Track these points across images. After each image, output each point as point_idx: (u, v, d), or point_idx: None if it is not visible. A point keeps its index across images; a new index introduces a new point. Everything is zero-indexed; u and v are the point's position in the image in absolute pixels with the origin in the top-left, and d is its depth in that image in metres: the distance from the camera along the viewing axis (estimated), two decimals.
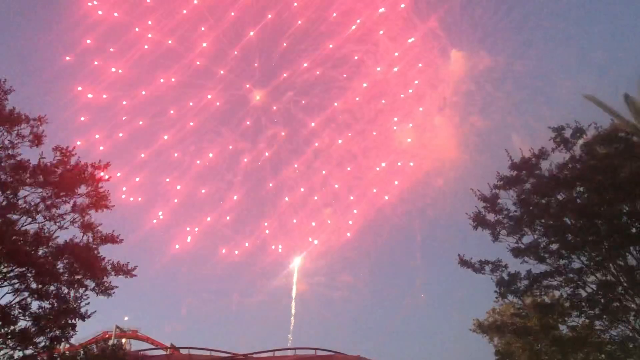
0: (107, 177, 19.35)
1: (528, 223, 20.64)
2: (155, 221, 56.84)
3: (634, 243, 18.77)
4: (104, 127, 54.09)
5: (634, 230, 18.89)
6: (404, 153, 59.49)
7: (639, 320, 18.78)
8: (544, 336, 19.82)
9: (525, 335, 20.61)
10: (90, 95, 52.53)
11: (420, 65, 57.18)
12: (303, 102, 59.63)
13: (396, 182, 59.68)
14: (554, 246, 20.22)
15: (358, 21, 55.22)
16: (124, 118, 54.81)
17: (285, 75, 57.87)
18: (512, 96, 57.40)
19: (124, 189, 53.89)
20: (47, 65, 69.73)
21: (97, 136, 53.36)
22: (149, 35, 53.29)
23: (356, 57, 57.24)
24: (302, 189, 61.31)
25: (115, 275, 18.43)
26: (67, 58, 52.10)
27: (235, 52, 56.71)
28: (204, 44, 54.91)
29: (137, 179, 55.52)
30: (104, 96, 53.17)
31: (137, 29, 52.73)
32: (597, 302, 19.28)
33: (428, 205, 63.06)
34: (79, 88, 52.18)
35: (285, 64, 58.36)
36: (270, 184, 61.54)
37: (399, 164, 59.56)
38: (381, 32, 55.90)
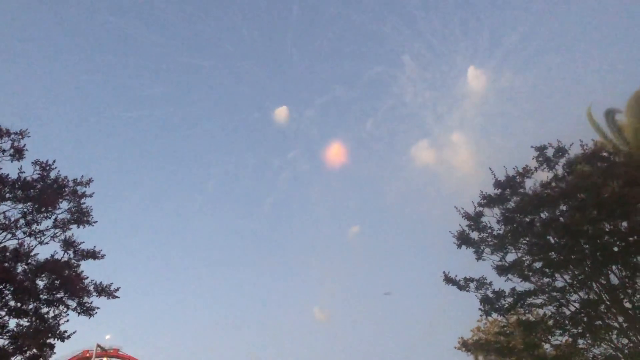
0: (90, 193, 19.07)
1: (512, 241, 20.74)
2: None
3: (616, 261, 18.93)
4: None
5: (616, 248, 19.02)
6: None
7: (621, 338, 18.88)
8: (527, 355, 19.84)
9: (509, 354, 20.61)
10: None
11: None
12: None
13: None
14: (538, 264, 20.33)
15: None
16: None
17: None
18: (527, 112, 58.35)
19: None
20: None
21: None
22: None
23: None
24: None
25: (97, 296, 18.10)
26: None
27: None
28: None
29: None
30: None
31: None
32: (580, 320, 19.37)
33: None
34: None
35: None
36: None
37: None
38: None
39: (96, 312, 18.05)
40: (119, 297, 18.40)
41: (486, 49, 63.05)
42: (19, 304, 16.90)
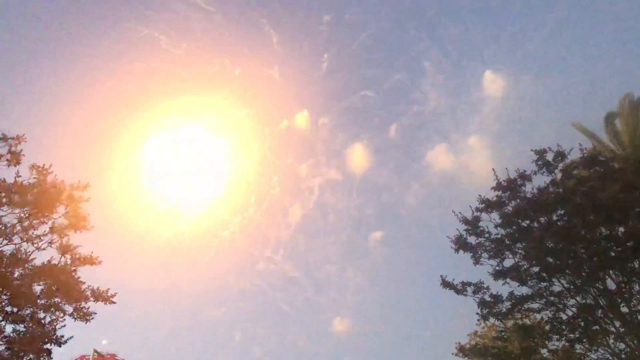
0: (86, 197, 19.01)
1: (509, 246, 20.76)
2: None
3: (613, 266, 18.96)
4: None
5: (613, 253, 19.05)
6: None
7: (618, 343, 18.91)
8: None
9: (507, 359, 20.61)
10: None
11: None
12: None
13: None
14: (535, 269, 20.34)
15: None
16: None
17: None
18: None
19: None
20: None
21: None
22: None
23: None
24: None
25: (94, 301, 18.05)
26: None
27: None
28: None
29: None
30: None
31: None
32: (577, 325, 19.43)
33: None
34: None
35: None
36: None
37: None
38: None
39: (93, 318, 17.99)
40: (115, 303, 18.35)
41: (505, 54, 62.97)
42: (15, 309, 16.84)
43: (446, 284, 21.74)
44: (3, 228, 17.08)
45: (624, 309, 18.89)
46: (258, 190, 65.56)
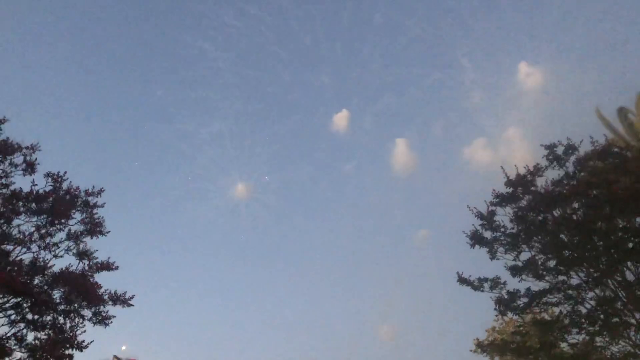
0: (102, 203, 19.21)
1: (525, 240, 20.64)
2: None
3: (631, 258, 18.76)
4: None
5: (630, 245, 18.87)
6: None
7: (639, 335, 18.72)
8: (544, 355, 19.71)
9: (526, 354, 20.49)
10: None
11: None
12: None
13: None
14: (552, 263, 20.21)
15: None
16: None
17: None
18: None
19: None
20: None
21: None
22: None
23: None
24: None
25: (112, 305, 18.24)
26: None
27: None
28: None
29: None
30: None
31: None
32: (596, 318, 19.23)
33: None
34: None
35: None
36: None
37: None
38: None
39: (111, 322, 18.19)
40: (133, 305, 18.52)
41: (542, 46, 62.37)
42: (36, 317, 17.06)
43: (463, 281, 21.67)
44: (21, 237, 17.32)
45: None
46: None
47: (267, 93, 72.32)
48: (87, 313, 17.91)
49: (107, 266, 18.60)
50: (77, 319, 17.75)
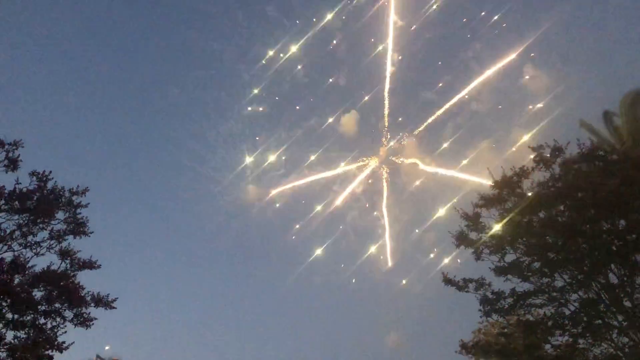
0: (85, 203, 18.93)
1: (510, 242, 20.71)
2: None
3: (614, 260, 18.91)
4: None
5: (614, 247, 19.00)
6: None
7: (621, 337, 18.85)
8: (528, 356, 19.73)
9: (510, 356, 20.51)
10: None
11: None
12: None
13: None
14: (537, 264, 20.30)
15: None
16: None
17: None
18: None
19: None
20: None
21: None
22: None
23: None
24: None
25: (95, 307, 17.98)
26: None
27: None
28: None
29: None
30: None
31: None
32: (580, 320, 19.36)
33: None
34: None
35: None
36: None
37: None
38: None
39: (93, 323, 17.92)
40: (116, 308, 18.25)
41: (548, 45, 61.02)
42: (16, 316, 16.78)
43: (447, 281, 21.73)
44: (2, 234, 17.03)
45: (627, 303, 18.81)
46: None
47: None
48: (69, 314, 17.63)
49: (89, 264, 18.33)
50: (58, 320, 17.47)
